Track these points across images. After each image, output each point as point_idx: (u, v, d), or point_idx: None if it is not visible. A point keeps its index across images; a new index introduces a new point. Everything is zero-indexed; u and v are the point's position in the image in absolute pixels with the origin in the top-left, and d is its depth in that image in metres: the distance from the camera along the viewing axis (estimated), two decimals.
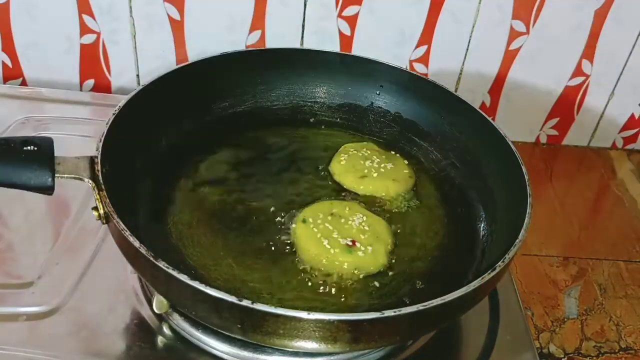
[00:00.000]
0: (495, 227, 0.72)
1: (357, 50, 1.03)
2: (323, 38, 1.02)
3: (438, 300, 0.54)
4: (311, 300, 0.64)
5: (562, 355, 0.77)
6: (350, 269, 0.67)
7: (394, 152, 0.84)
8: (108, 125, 0.67)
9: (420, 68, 1.06)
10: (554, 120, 1.12)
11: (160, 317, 0.67)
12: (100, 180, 0.60)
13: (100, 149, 0.63)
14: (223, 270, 0.66)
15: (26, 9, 1.00)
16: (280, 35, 1.02)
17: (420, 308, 0.53)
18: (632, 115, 1.11)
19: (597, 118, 1.11)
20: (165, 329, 0.66)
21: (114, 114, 0.69)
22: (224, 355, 0.64)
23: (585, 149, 1.15)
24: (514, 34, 1.01)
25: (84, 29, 1.02)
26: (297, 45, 1.03)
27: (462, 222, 0.76)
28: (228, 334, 0.60)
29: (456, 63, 1.05)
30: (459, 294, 0.55)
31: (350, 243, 0.68)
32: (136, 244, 0.55)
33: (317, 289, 0.65)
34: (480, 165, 0.79)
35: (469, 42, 1.02)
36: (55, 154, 0.60)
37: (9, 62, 1.06)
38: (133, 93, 0.72)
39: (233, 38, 1.02)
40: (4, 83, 1.08)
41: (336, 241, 0.68)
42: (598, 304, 0.84)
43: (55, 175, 0.59)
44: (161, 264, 0.54)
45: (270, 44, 1.03)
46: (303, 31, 1.02)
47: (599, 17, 1.00)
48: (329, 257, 0.67)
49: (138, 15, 1.00)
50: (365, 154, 0.81)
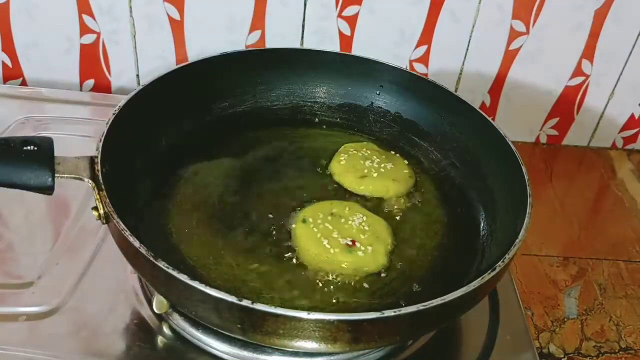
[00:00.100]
0: (495, 227, 0.72)
1: (357, 50, 1.03)
2: (323, 38, 1.02)
3: (438, 300, 0.54)
4: (311, 300, 0.64)
5: (562, 355, 0.77)
6: (350, 268, 0.67)
7: (394, 152, 0.84)
8: (108, 125, 0.67)
9: (420, 68, 1.06)
10: (554, 120, 1.12)
11: (160, 317, 0.67)
12: (100, 180, 0.60)
13: (100, 149, 0.63)
14: (223, 270, 0.66)
15: (26, 9, 1.00)
16: (280, 35, 1.02)
17: (421, 308, 0.53)
18: (632, 115, 1.11)
19: (597, 118, 1.11)
20: (165, 329, 0.66)
21: (114, 114, 0.69)
22: (224, 355, 0.64)
23: (585, 149, 1.15)
24: (514, 34, 1.01)
25: (84, 29, 1.02)
26: (297, 45, 1.03)
27: (462, 222, 0.76)
28: (228, 334, 0.60)
29: (456, 63, 1.05)
30: (459, 294, 0.55)
31: (350, 243, 0.68)
32: (136, 244, 0.55)
33: (317, 289, 0.65)
34: (480, 165, 0.79)
35: (469, 42, 1.02)
36: (55, 154, 0.60)
37: (9, 62, 1.06)
38: (133, 93, 0.72)
39: (233, 38, 1.02)
40: (4, 83, 1.08)
41: (336, 241, 0.68)
42: (598, 304, 0.84)
43: (55, 175, 0.59)
44: (161, 264, 0.54)
45: (270, 44, 1.03)
46: (303, 31, 1.02)
47: (599, 17, 1.00)
48: (329, 257, 0.67)
49: (138, 15, 1.00)
50: (365, 154, 0.81)
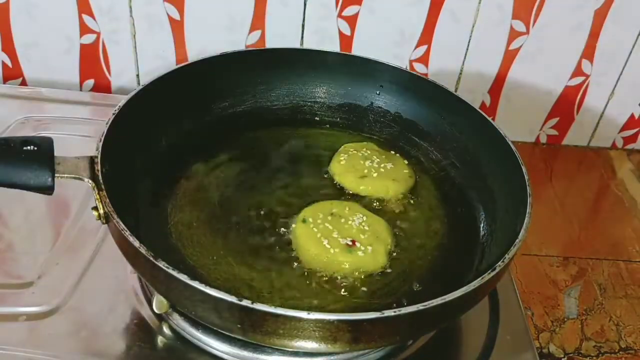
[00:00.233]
0: (495, 227, 0.72)
1: (357, 50, 1.03)
2: (323, 38, 1.02)
3: (438, 300, 0.54)
4: (311, 300, 0.64)
5: (562, 355, 0.77)
6: (350, 268, 0.67)
7: (394, 152, 0.84)
8: (108, 125, 0.67)
9: (420, 68, 1.06)
10: (554, 120, 1.12)
11: (160, 317, 0.67)
12: (100, 180, 0.60)
13: (100, 149, 0.63)
14: (223, 270, 0.66)
15: (26, 9, 1.00)
16: (280, 35, 1.02)
17: (420, 308, 0.53)
18: (632, 115, 1.11)
19: (597, 118, 1.11)
20: (165, 329, 0.66)
21: (113, 114, 0.69)
22: (224, 355, 0.64)
23: (585, 148, 1.15)
24: (514, 34, 1.01)
25: (84, 29, 1.02)
26: (297, 45, 1.03)
27: (462, 222, 0.76)
28: (228, 334, 0.60)
29: (456, 63, 1.05)
30: (459, 294, 0.55)
31: (350, 243, 0.68)
32: (136, 244, 0.55)
33: (317, 289, 0.65)
34: (480, 165, 0.79)
35: (469, 42, 1.02)
36: (55, 154, 0.60)
37: (9, 62, 1.06)
38: (133, 93, 0.72)
39: (233, 38, 1.02)
40: (4, 83, 1.08)
41: (336, 241, 0.68)
42: (598, 304, 0.84)
43: (55, 175, 0.59)
44: (161, 264, 0.54)
45: (270, 44, 1.03)
46: (303, 31, 1.02)
47: (599, 17, 1.00)
48: (329, 257, 0.67)
49: (138, 15, 1.00)
50: (365, 154, 0.81)
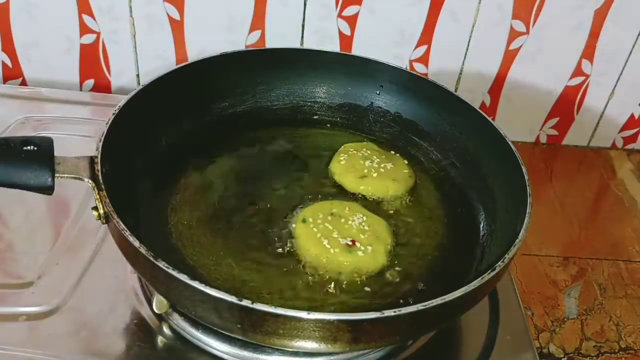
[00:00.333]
0: (495, 227, 0.72)
1: (357, 50, 1.03)
2: (323, 38, 1.02)
3: (438, 300, 0.54)
4: (311, 300, 0.64)
5: (562, 355, 0.77)
6: (350, 268, 0.67)
7: (394, 152, 0.84)
8: (108, 125, 0.67)
9: (420, 68, 1.06)
10: (554, 120, 1.12)
11: (160, 317, 0.67)
12: (100, 180, 0.60)
13: (100, 149, 0.63)
14: (223, 270, 0.66)
15: (26, 9, 1.00)
16: (280, 35, 1.02)
17: (420, 308, 0.53)
18: (632, 115, 1.11)
19: (597, 118, 1.11)
20: (165, 329, 0.66)
21: (113, 114, 0.69)
22: (224, 355, 0.64)
23: (585, 148, 1.15)
24: (514, 34, 1.01)
25: (84, 29, 1.02)
26: (297, 45, 1.03)
27: (462, 222, 0.76)
28: (228, 334, 0.60)
29: (456, 63, 1.05)
30: (459, 294, 0.55)
31: (350, 243, 0.68)
32: (136, 244, 0.55)
33: (317, 289, 0.65)
34: (480, 165, 0.79)
35: (469, 42, 1.02)
36: (55, 154, 0.60)
37: (9, 62, 1.06)
38: (133, 93, 0.72)
39: (233, 38, 1.02)
40: (4, 83, 1.08)
41: (336, 241, 0.68)
42: (598, 304, 0.84)
43: (55, 175, 0.59)
44: (161, 264, 0.54)
45: (270, 44, 1.03)
46: (303, 31, 1.02)
47: (599, 17, 1.00)
48: (329, 257, 0.67)
49: (138, 15, 1.00)
50: (365, 153, 0.81)
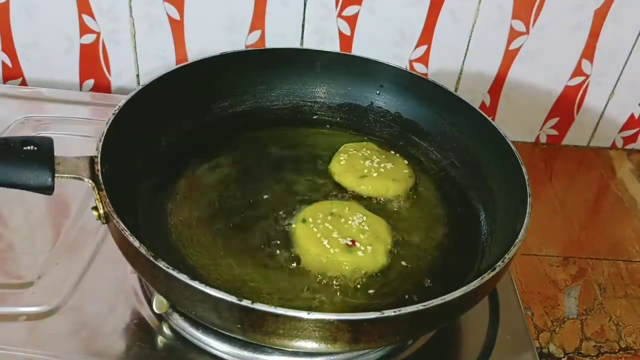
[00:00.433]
0: (495, 227, 0.72)
1: (357, 50, 1.03)
2: (323, 38, 1.02)
3: (438, 300, 0.54)
4: (311, 300, 0.64)
5: (562, 355, 0.77)
6: (350, 268, 0.67)
7: (394, 152, 0.84)
8: (108, 125, 0.67)
9: (420, 68, 1.06)
10: (554, 120, 1.12)
11: (160, 317, 0.67)
12: (100, 180, 0.60)
13: (100, 148, 0.63)
14: (223, 270, 0.66)
15: (26, 9, 1.00)
16: (280, 35, 1.02)
17: (420, 308, 0.53)
18: (632, 115, 1.11)
19: (597, 118, 1.11)
20: (165, 329, 0.66)
21: (113, 113, 0.69)
22: (224, 355, 0.64)
23: (585, 148, 1.15)
24: (513, 34, 1.01)
25: (84, 29, 1.02)
26: (297, 45, 1.03)
27: (462, 222, 0.76)
28: (228, 334, 0.60)
29: (456, 63, 1.05)
30: (459, 293, 0.55)
31: (350, 243, 0.68)
32: (136, 244, 0.55)
33: (317, 289, 0.65)
34: (480, 165, 0.79)
35: (469, 42, 1.02)
36: (55, 154, 0.60)
37: (9, 62, 1.06)
38: (133, 93, 0.72)
39: (233, 38, 1.02)
40: (4, 83, 1.08)
41: (336, 241, 0.68)
42: (598, 303, 0.84)
43: (55, 175, 0.59)
44: (161, 264, 0.54)
45: (270, 44, 1.03)
46: (303, 31, 1.02)
47: (599, 17, 1.00)
48: (329, 257, 0.67)
49: (138, 15, 1.00)
50: (365, 153, 0.81)
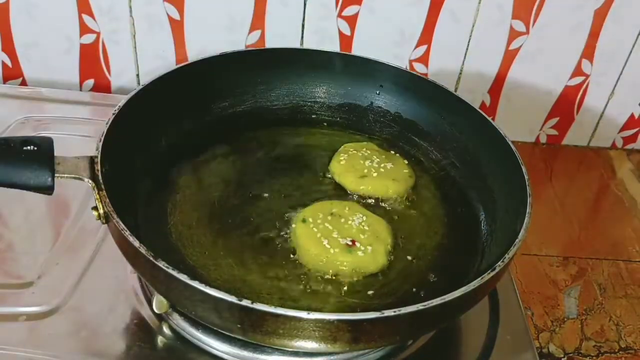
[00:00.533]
0: (495, 227, 0.72)
1: (357, 50, 1.03)
2: (323, 38, 1.02)
3: (438, 300, 0.54)
4: (311, 300, 0.64)
5: (562, 355, 0.77)
6: (350, 268, 0.67)
7: (394, 152, 0.84)
8: (108, 125, 0.67)
9: (420, 68, 1.06)
10: (554, 120, 1.12)
11: (160, 317, 0.67)
12: (100, 180, 0.60)
13: (100, 148, 0.63)
14: (223, 270, 0.66)
15: (26, 9, 1.00)
16: (280, 35, 1.02)
17: (420, 308, 0.53)
18: (632, 115, 1.11)
19: (597, 118, 1.11)
20: (165, 329, 0.66)
21: (113, 113, 0.69)
22: (224, 355, 0.64)
23: (585, 148, 1.15)
24: (513, 34, 1.01)
25: (84, 29, 1.02)
26: (297, 45, 1.03)
27: (462, 222, 0.76)
28: (228, 334, 0.60)
29: (456, 63, 1.05)
30: (458, 293, 0.55)
31: (350, 243, 0.68)
32: (136, 244, 0.55)
33: (317, 289, 0.65)
34: (480, 165, 0.79)
35: (469, 42, 1.02)
36: (55, 153, 0.60)
37: (9, 62, 1.06)
38: (133, 93, 0.72)
39: (233, 38, 1.02)
40: (4, 83, 1.08)
41: (336, 241, 0.68)
42: (598, 303, 0.84)
43: (55, 175, 0.59)
44: (161, 264, 0.54)
45: (270, 44, 1.03)
46: (303, 31, 1.02)
47: (599, 17, 1.00)
48: (329, 257, 0.67)
49: (138, 15, 1.00)
50: (365, 153, 0.81)
